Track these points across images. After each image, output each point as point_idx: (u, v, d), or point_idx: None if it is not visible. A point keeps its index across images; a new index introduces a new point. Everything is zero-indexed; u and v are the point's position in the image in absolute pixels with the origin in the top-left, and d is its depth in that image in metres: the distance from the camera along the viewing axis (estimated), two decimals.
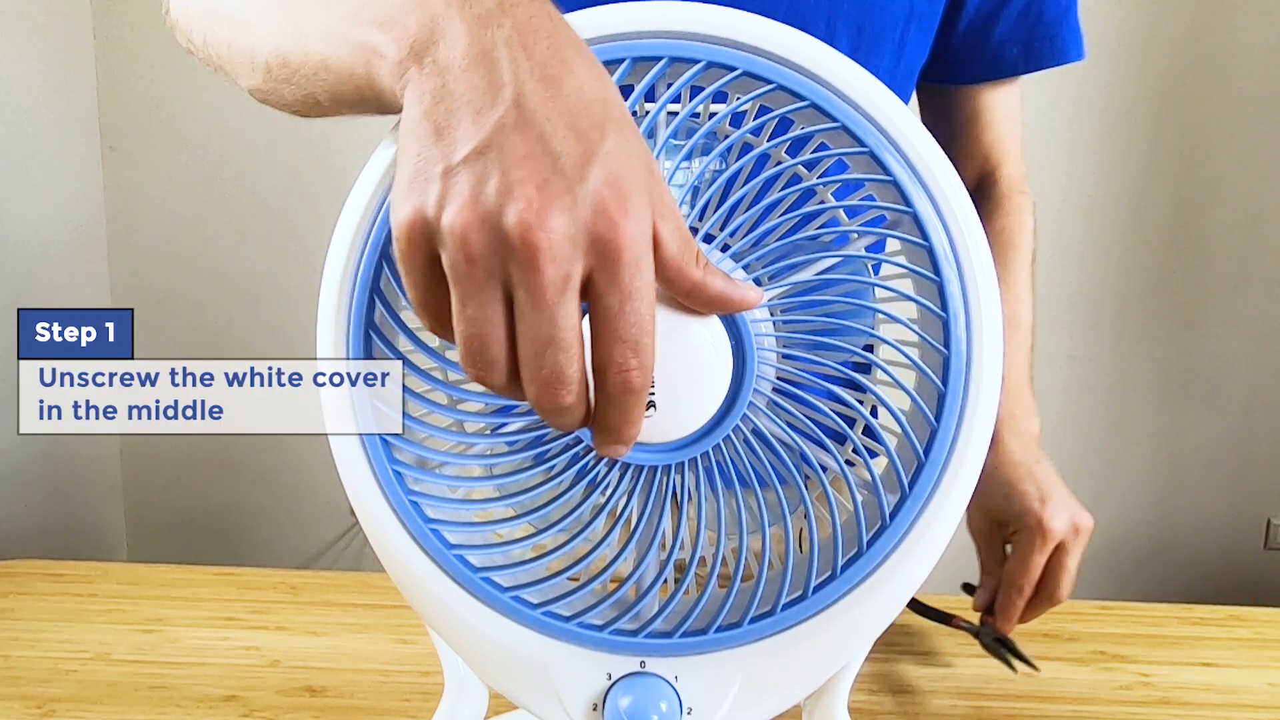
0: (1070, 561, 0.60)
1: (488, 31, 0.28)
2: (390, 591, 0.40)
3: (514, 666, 0.41)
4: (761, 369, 0.37)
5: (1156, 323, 1.97)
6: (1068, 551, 0.60)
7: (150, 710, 0.60)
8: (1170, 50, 1.88)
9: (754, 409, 0.37)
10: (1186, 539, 2.03)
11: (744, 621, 0.39)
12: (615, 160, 0.27)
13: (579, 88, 0.28)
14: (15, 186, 1.82)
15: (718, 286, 0.31)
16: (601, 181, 0.27)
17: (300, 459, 2.02)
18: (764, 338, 0.37)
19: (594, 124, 0.28)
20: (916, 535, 0.38)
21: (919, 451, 0.37)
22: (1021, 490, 0.61)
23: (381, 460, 0.38)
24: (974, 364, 0.37)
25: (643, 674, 0.40)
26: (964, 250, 0.36)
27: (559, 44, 0.29)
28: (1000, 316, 0.37)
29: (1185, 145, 1.91)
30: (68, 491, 2.01)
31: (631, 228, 0.27)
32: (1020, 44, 0.66)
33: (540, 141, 0.27)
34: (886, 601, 0.39)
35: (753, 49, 0.36)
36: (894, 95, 0.36)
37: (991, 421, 0.38)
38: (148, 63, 1.93)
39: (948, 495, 0.38)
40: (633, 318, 0.28)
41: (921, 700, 0.63)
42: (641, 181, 0.28)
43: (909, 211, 0.36)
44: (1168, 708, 0.62)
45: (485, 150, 0.27)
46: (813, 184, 0.37)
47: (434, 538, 0.39)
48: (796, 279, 0.37)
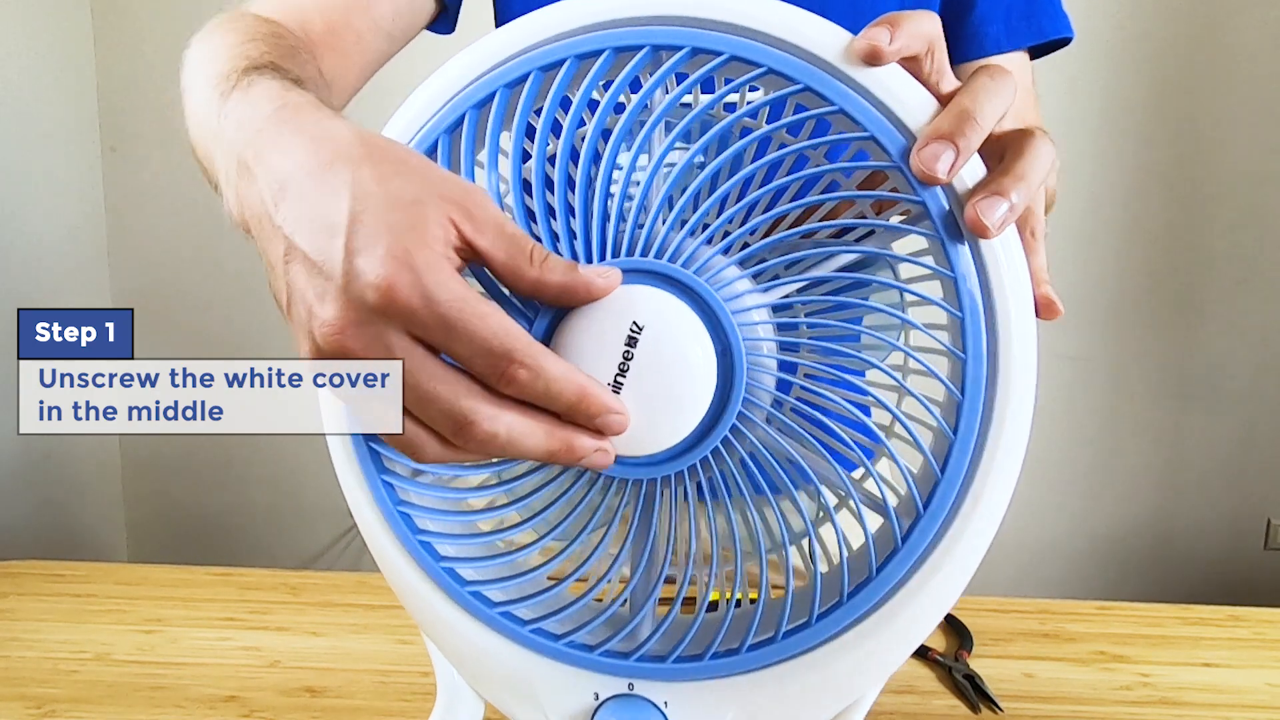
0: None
1: (247, 187, 0.32)
2: (390, 592, 0.40)
3: (502, 680, 0.40)
4: (757, 376, 0.34)
5: (1156, 323, 1.97)
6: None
7: (150, 710, 0.60)
8: (1169, 49, 1.88)
9: (746, 420, 0.34)
10: (1186, 539, 2.03)
11: (742, 648, 0.37)
12: (366, 226, 0.29)
13: (308, 179, 0.30)
14: (15, 186, 1.82)
15: (557, 280, 0.31)
16: (361, 255, 0.29)
17: (300, 459, 2.02)
18: (761, 342, 0.34)
19: (331, 201, 0.29)
20: (935, 560, 0.34)
21: (935, 467, 0.34)
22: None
23: (371, 471, 0.37)
24: (999, 369, 0.33)
25: (631, 696, 0.38)
26: (984, 244, 0.33)
27: (273, 153, 0.31)
28: (1031, 318, 0.34)
29: (1185, 145, 1.91)
30: (68, 492, 2.00)
31: (403, 278, 0.28)
32: (1000, 20, 0.66)
33: (305, 260, 0.29)
34: (901, 633, 0.36)
35: (741, 29, 0.33)
36: (899, 69, 0.34)
37: (1024, 435, 0.34)
38: (148, 63, 1.93)
39: (970, 516, 0.34)
40: (468, 336, 0.29)
41: (922, 700, 0.63)
42: (404, 223, 0.29)
43: (919, 201, 0.33)
44: (1168, 708, 0.62)
45: (290, 291, 0.30)
46: (825, 168, 0.34)
47: (423, 550, 0.38)
48: (814, 274, 0.35)
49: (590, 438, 0.32)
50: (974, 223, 0.32)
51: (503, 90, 0.35)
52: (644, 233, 0.34)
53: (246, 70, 0.37)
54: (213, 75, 0.39)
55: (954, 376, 0.34)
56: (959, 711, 0.61)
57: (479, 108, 0.35)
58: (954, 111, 0.33)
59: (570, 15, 0.35)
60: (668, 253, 0.34)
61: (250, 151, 0.32)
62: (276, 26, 0.50)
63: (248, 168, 0.32)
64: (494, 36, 0.36)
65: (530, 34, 0.35)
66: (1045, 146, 0.35)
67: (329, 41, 0.57)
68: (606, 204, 0.34)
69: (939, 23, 0.35)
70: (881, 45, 0.33)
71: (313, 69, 0.47)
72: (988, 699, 0.62)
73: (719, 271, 0.34)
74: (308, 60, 0.47)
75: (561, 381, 0.30)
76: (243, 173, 0.32)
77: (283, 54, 0.44)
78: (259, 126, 0.33)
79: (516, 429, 0.31)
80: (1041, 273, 0.38)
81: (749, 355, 0.34)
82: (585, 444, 0.32)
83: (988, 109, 0.33)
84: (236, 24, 0.47)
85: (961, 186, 0.33)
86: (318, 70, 0.49)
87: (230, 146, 0.34)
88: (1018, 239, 0.34)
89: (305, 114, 0.32)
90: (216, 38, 0.45)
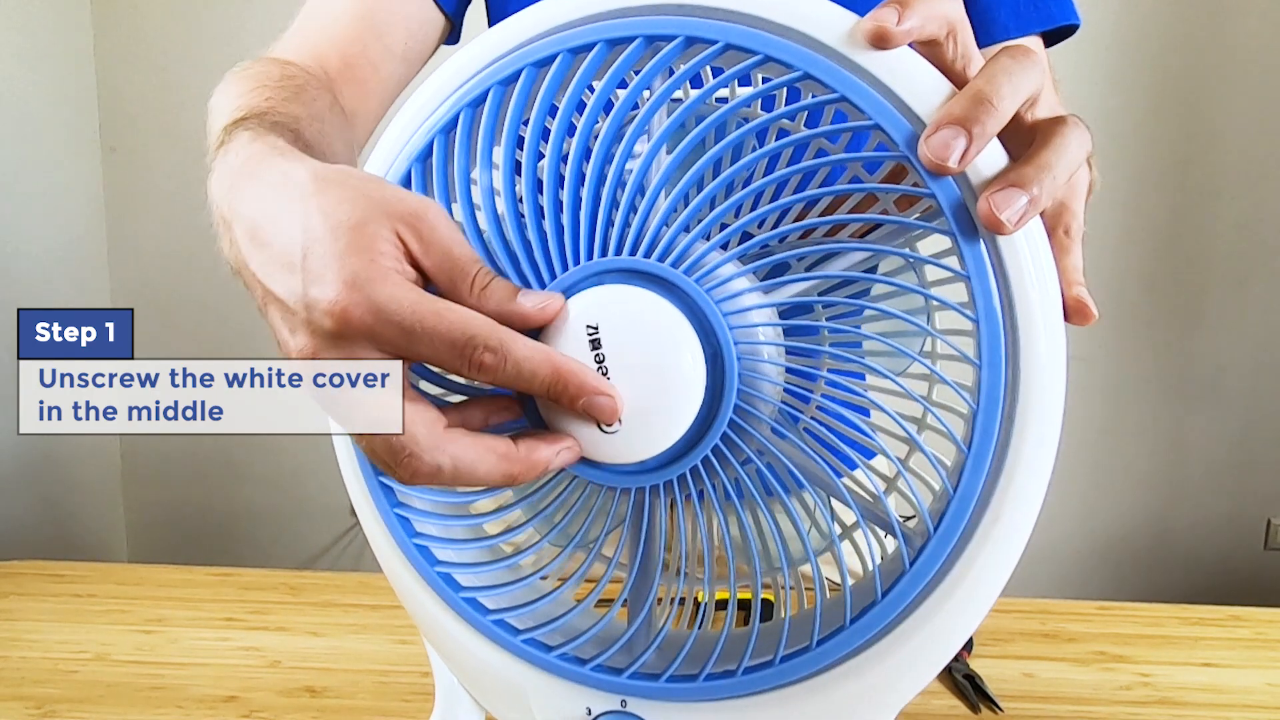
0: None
1: (229, 241, 0.33)
2: (390, 592, 0.40)
3: (496, 688, 0.39)
4: (754, 383, 0.32)
5: (1156, 323, 1.97)
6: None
7: (150, 710, 0.60)
8: (1169, 49, 1.88)
9: (740, 429, 0.32)
10: (1186, 539, 2.03)
11: (738, 670, 0.35)
12: (316, 257, 0.30)
13: (269, 224, 0.31)
14: (15, 187, 1.82)
15: (491, 309, 0.31)
16: (314, 286, 0.30)
17: (300, 459, 2.02)
18: (761, 346, 0.33)
19: (287, 240, 0.30)
20: (950, 584, 0.32)
21: (947, 483, 0.32)
22: None
23: (370, 472, 0.37)
24: (1019, 378, 0.30)
25: (623, 714, 0.37)
26: (1004, 240, 0.30)
27: (241, 204, 0.33)
28: (1059, 323, 0.31)
29: (1185, 145, 1.91)
30: (68, 492, 2.00)
31: (354, 298, 0.29)
32: (1009, 5, 0.66)
33: (276, 301, 0.31)
34: (911, 662, 0.33)
35: (737, 16, 0.32)
36: (910, 52, 0.32)
37: (1050, 450, 0.31)
38: (148, 63, 1.93)
39: (988, 537, 0.31)
40: (427, 336, 0.30)
41: (922, 700, 0.62)
42: (352, 247, 0.30)
43: (928, 193, 0.30)
44: (1168, 708, 0.62)
45: (273, 330, 0.32)
46: (824, 160, 0.32)
47: (419, 554, 0.38)
48: (819, 272, 0.34)
49: (548, 444, 0.32)
50: (988, 217, 0.29)
51: (496, 87, 0.34)
52: (632, 231, 0.33)
53: (229, 128, 0.38)
54: (212, 135, 0.41)
55: (972, 384, 0.31)
56: (959, 711, 0.61)
57: (474, 106, 0.35)
58: (967, 95, 0.30)
59: (562, 9, 0.34)
60: (657, 249, 0.32)
61: (226, 206, 0.34)
62: (289, 68, 0.52)
63: (227, 222, 0.34)
64: (488, 36, 0.36)
65: (523, 31, 0.35)
66: (1077, 134, 0.32)
67: (346, 74, 0.58)
68: (596, 203, 0.33)
69: (959, 3, 0.32)
70: (889, 26, 0.30)
71: (322, 104, 0.48)
72: (988, 699, 0.62)
73: (712, 270, 0.32)
74: (316, 96, 0.49)
75: (531, 360, 0.30)
76: (224, 228, 0.34)
77: (287, 96, 0.45)
78: (230, 182, 0.34)
79: (464, 459, 0.31)
80: (1074, 273, 0.34)
81: (743, 360, 0.32)
82: (543, 454, 0.32)
83: (1006, 90, 0.30)
84: (248, 72, 0.48)
85: (978, 178, 0.30)
86: (329, 104, 0.50)
87: (214, 205, 0.35)
88: (1043, 234, 0.31)
89: (266, 161, 0.34)
90: (230, 88, 0.46)
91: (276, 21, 0.61)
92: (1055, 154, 0.31)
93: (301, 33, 0.60)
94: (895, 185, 0.32)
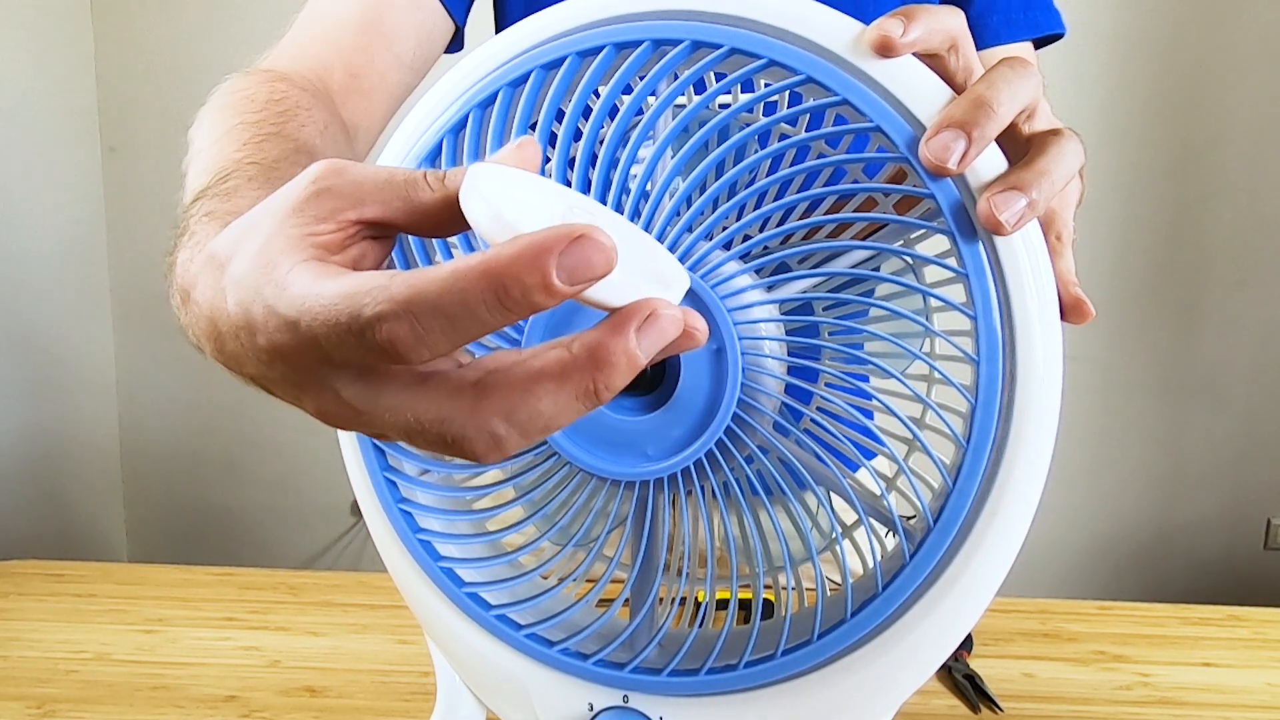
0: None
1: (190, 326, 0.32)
2: (390, 592, 0.40)
3: (498, 683, 0.39)
4: (757, 377, 0.33)
5: (1156, 323, 1.97)
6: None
7: (150, 710, 0.60)
8: (1169, 49, 1.88)
9: (744, 423, 0.33)
10: (1186, 539, 2.03)
11: (740, 665, 0.35)
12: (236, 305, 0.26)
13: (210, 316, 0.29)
14: (15, 186, 1.82)
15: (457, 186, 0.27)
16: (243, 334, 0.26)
17: (300, 459, 2.02)
18: (764, 341, 0.33)
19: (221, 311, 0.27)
20: (949, 578, 0.32)
21: (946, 477, 0.32)
22: None
23: (374, 467, 0.37)
24: (1017, 373, 0.31)
25: (625, 709, 0.37)
26: (1001, 241, 0.31)
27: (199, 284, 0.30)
28: (1056, 321, 0.31)
29: (1185, 144, 1.91)
30: (67, 491, 2.01)
31: (270, 324, 0.24)
32: (1000, 12, 0.68)
33: (255, 381, 0.28)
34: (911, 656, 0.33)
35: (742, 21, 0.32)
36: (913, 59, 0.32)
37: (1047, 444, 0.32)
38: (148, 63, 1.93)
39: (987, 531, 0.32)
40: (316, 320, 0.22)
41: (922, 700, 0.63)
42: (256, 275, 0.25)
43: (927, 194, 0.31)
44: (1168, 708, 0.62)
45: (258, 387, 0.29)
46: (825, 161, 0.33)
47: (423, 549, 0.38)
48: (819, 270, 0.34)
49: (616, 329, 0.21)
50: (987, 217, 0.30)
51: (505, 89, 0.35)
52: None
53: (189, 208, 0.38)
54: (185, 191, 0.40)
55: (970, 381, 0.32)
56: (959, 711, 0.61)
57: (483, 107, 0.35)
58: (968, 99, 0.30)
59: (572, 14, 0.35)
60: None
61: (185, 287, 0.32)
62: (278, 87, 0.49)
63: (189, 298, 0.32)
64: (497, 39, 0.36)
65: (533, 34, 0.36)
66: (1073, 145, 0.33)
67: (352, 86, 0.57)
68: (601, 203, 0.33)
69: (963, 19, 0.33)
70: (894, 36, 0.31)
71: (313, 129, 0.46)
72: (988, 699, 0.62)
73: (716, 267, 0.33)
74: (306, 121, 0.47)
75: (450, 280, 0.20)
76: (184, 300, 0.33)
77: (268, 133, 0.43)
78: (181, 297, 0.33)
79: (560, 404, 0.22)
80: (1068, 275, 0.35)
81: (746, 355, 0.32)
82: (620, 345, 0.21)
83: (1005, 97, 0.31)
84: (233, 96, 0.47)
85: (976, 180, 0.31)
86: (323, 125, 0.48)
87: (178, 287, 0.34)
88: (1040, 237, 0.32)
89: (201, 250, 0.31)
90: (212, 119, 0.44)
91: (277, 22, 0.60)
92: (1053, 162, 0.31)
93: (302, 39, 0.58)
94: (896, 186, 0.32)
